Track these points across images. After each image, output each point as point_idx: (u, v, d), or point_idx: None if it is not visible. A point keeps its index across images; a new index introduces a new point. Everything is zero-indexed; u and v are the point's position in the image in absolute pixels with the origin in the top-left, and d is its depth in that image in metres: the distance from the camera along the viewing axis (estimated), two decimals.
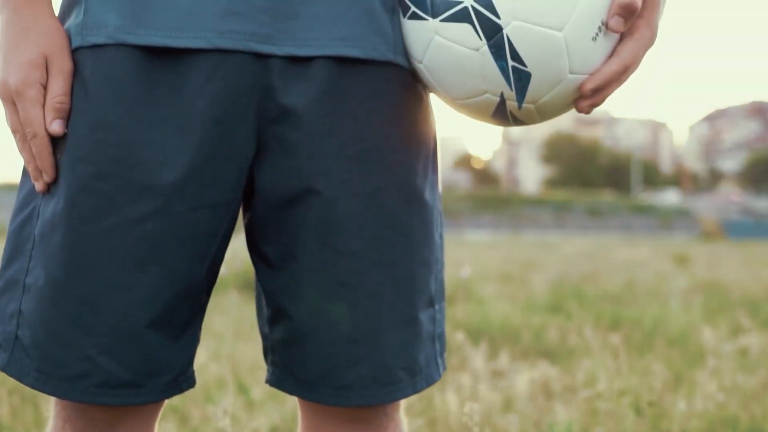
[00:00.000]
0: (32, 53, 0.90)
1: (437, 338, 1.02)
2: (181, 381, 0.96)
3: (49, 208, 0.91)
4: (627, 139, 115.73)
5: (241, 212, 0.98)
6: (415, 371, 0.99)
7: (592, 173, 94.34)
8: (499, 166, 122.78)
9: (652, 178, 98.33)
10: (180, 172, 0.89)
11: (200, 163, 0.90)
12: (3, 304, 0.94)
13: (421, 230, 0.98)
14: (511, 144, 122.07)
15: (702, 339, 3.97)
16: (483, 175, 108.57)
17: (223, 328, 4.11)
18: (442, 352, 1.04)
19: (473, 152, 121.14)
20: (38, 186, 0.92)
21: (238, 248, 0.99)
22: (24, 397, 2.52)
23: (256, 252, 0.99)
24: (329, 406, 0.99)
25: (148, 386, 0.93)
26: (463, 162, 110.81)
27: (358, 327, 0.95)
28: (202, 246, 0.93)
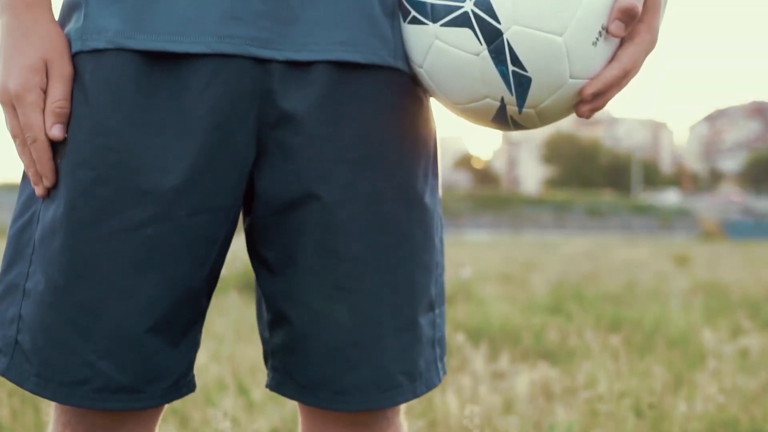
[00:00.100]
0: (32, 58, 0.89)
1: (437, 342, 1.02)
2: (182, 386, 0.96)
3: (49, 213, 0.91)
4: (627, 139, 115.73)
5: (241, 217, 0.98)
6: (415, 376, 0.99)
7: (593, 173, 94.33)
8: (499, 166, 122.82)
9: (653, 178, 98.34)
10: (180, 177, 0.89)
11: (200, 168, 0.90)
12: (3, 308, 0.94)
13: (422, 234, 0.98)
14: (511, 144, 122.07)
15: (702, 340, 3.97)
16: (483, 175, 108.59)
17: (223, 329, 4.10)
18: (442, 356, 1.04)
19: (473, 152, 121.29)
20: (38, 191, 0.92)
21: (238, 249, 0.99)
22: (24, 400, 2.52)
23: (256, 256, 0.99)
24: (329, 411, 0.99)
25: (148, 391, 0.93)
26: (464, 162, 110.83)
27: (358, 332, 0.95)
28: (202, 251, 0.92)
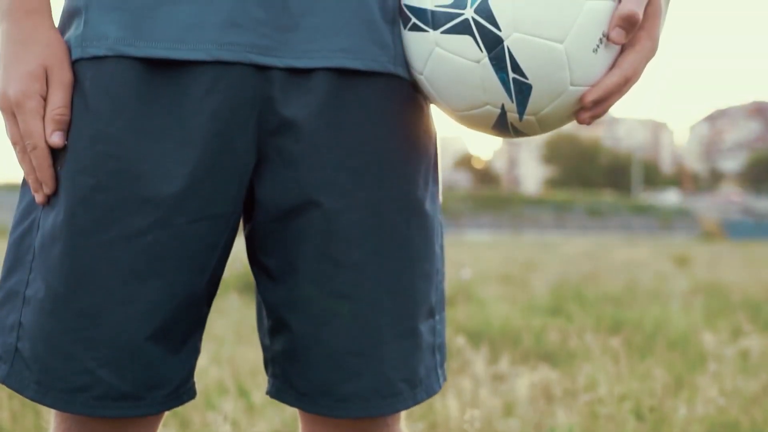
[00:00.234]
0: (32, 65, 0.89)
1: (437, 349, 1.02)
2: (182, 393, 0.96)
3: (49, 220, 0.91)
4: (627, 139, 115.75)
5: (241, 224, 0.98)
6: (416, 383, 0.99)
7: (593, 173, 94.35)
8: (499, 166, 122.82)
9: (653, 178, 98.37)
10: (180, 184, 0.89)
11: (200, 175, 0.90)
12: (3, 315, 0.94)
13: (422, 242, 0.98)
14: (511, 144, 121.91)
15: (703, 342, 3.97)
16: (483, 175, 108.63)
17: (223, 331, 4.10)
18: (443, 362, 1.04)
19: (474, 152, 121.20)
20: (38, 198, 0.92)
21: (238, 250, 0.99)
22: (24, 403, 2.52)
23: (256, 264, 0.98)
24: (330, 418, 0.99)
25: (149, 398, 0.93)
26: (464, 162, 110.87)
27: (358, 339, 0.94)
28: (203, 258, 0.92)
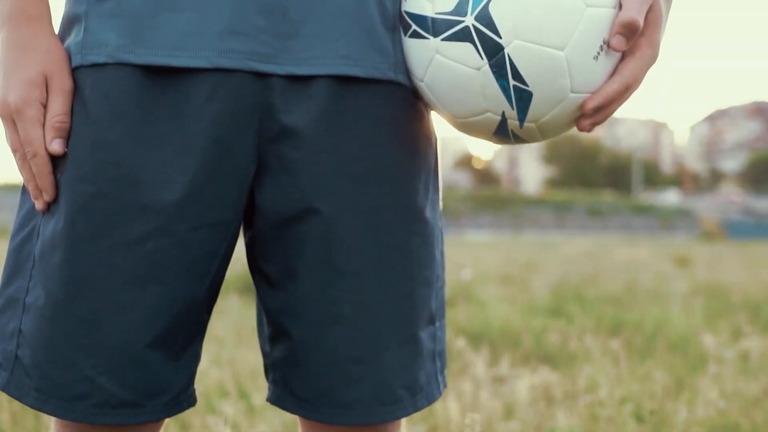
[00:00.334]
0: (32, 72, 0.89)
1: (438, 356, 1.02)
2: (182, 400, 0.96)
3: (49, 228, 0.91)
4: (628, 139, 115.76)
5: (242, 231, 0.98)
6: (416, 390, 0.99)
7: (593, 173, 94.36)
8: (499, 166, 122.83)
9: (653, 178, 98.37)
10: (180, 191, 0.89)
11: (201, 183, 0.90)
12: (3, 323, 0.94)
13: (422, 249, 0.98)
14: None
15: (703, 343, 3.97)
16: (484, 175, 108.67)
17: (223, 332, 4.10)
18: (443, 369, 1.04)
19: (474, 152, 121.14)
20: (38, 205, 0.92)
21: (238, 251, 0.99)
22: (24, 405, 2.51)
23: (256, 270, 0.98)
24: (330, 425, 0.99)
25: (149, 405, 0.93)
26: (464, 162, 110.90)
27: (358, 346, 0.94)
28: (203, 265, 0.92)
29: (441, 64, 0.90)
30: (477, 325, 4.26)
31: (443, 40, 0.89)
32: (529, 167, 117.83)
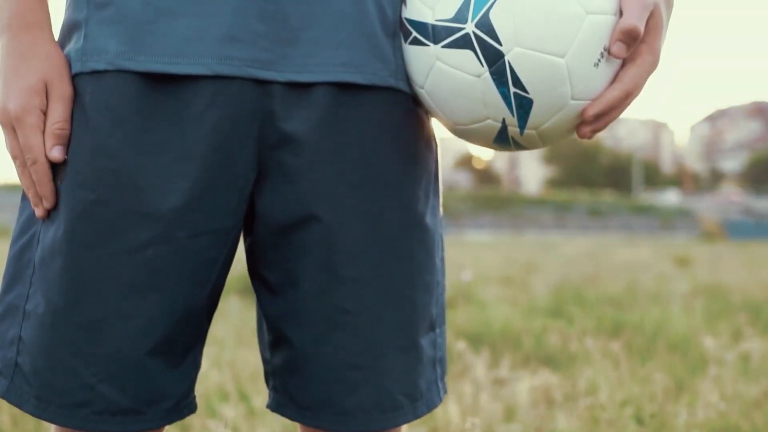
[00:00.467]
0: (32, 79, 0.89)
1: (438, 362, 1.02)
2: (182, 407, 0.96)
3: (49, 235, 0.91)
4: (628, 139, 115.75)
5: (242, 237, 0.98)
6: (416, 396, 0.98)
7: (593, 173, 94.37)
8: (500, 166, 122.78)
9: (653, 178, 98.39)
10: (180, 198, 0.89)
11: (201, 190, 0.89)
12: (3, 330, 0.94)
13: (423, 255, 0.98)
14: None
15: (703, 345, 3.97)
16: (484, 175, 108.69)
17: (224, 334, 4.09)
18: (443, 375, 1.04)
19: (474, 152, 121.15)
20: (38, 212, 0.92)
21: (238, 252, 0.99)
22: None
23: (257, 277, 0.98)
24: None
25: (149, 413, 0.92)
26: (464, 162, 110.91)
27: (359, 353, 0.94)
28: (203, 272, 0.92)
29: (441, 71, 0.90)
30: (477, 326, 4.26)
31: (443, 47, 0.89)
32: (529, 167, 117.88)
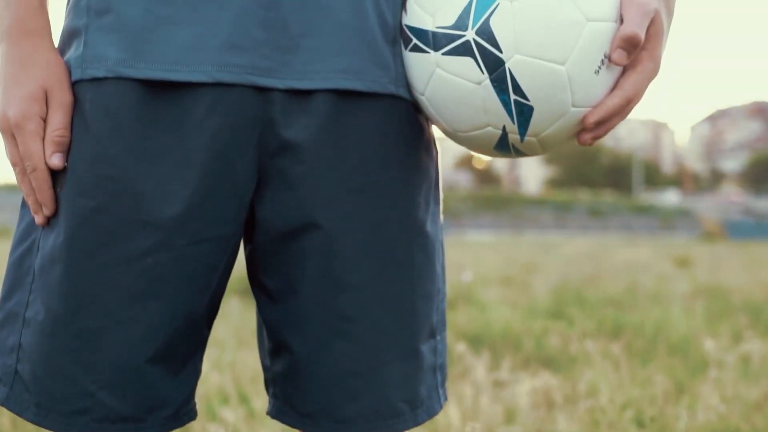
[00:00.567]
0: (32, 86, 0.89)
1: (438, 369, 1.02)
2: (182, 414, 0.96)
3: (48, 242, 0.91)
4: (628, 139, 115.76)
5: (242, 244, 0.98)
6: (417, 403, 0.98)
7: (594, 173, 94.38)
8: (500, 166, 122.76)
9: (654, 178, 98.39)
10: (180, 206, 0.89)
11: (201, 198, 0.89)
12: (3, 337, 0.94)
13: (423, 262, 0.98)
14: None
15: (704, 347, 3.96)
16: (484, 176, 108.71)
17: (224, 335, 4.09)
18: (444, 382, 1.04)
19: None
20: (38, 219, 0.92)
21: (239, 253, 0.99)
22: None
23: (257, 284, 0.98)
24: None
25: (149, 420, 0.92)
26: (465, 162, 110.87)
27: (359, 360, 0.94)
28: (203, 280, 0.92)
29: (441, 78, 0.89)
30: (477, 327, 4.25)
31: (444, 54, 0.88)
32: (529, 167, 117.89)
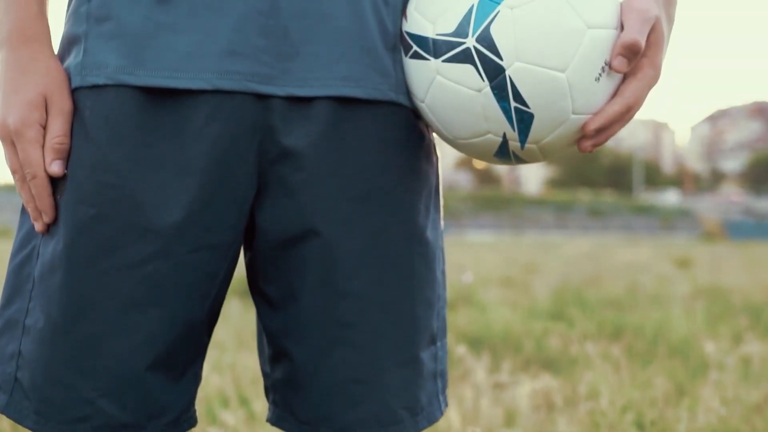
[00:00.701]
0: (31, 93, 0.89)
1: (439, 376, 1.02)
2: (182, 421, 0.96)
3: (48, 249, 0.91)
4: (629, 139, 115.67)
5: (242, 252, 0.98)
6: (417, 410, 0.98)
7: (594, 173, 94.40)
8: (500, 166, 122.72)
9: (654, 178, 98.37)
10: (180, 213, 0.88)
11: (201, 205, 0.89)
12: (2, 344, 0.93)
13: (423, 269, 0.97)
14: None
15: (704, 349, 3.96)
16: (485, 176, 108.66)
17: (224, 337, 4.09)
18: (444, 388, 1.04)
19: None
20: (38, 226, 0.92)
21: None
22: None
23: (257, 292, 0.98)
24: None
25: (149, 428, 0.92)
26: (465, 162, 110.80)
27: (359, 367, 0.94)
28: (203, 287, 0.92)
29: (442, 86, 0.89)
30: (478, 329, 4.25)
31: (444, 61, 0.88)
32: (530, 167, 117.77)
